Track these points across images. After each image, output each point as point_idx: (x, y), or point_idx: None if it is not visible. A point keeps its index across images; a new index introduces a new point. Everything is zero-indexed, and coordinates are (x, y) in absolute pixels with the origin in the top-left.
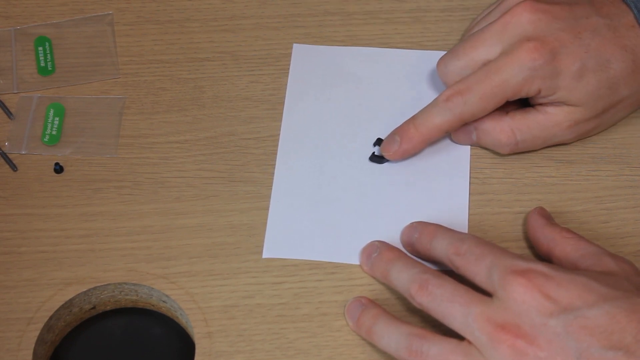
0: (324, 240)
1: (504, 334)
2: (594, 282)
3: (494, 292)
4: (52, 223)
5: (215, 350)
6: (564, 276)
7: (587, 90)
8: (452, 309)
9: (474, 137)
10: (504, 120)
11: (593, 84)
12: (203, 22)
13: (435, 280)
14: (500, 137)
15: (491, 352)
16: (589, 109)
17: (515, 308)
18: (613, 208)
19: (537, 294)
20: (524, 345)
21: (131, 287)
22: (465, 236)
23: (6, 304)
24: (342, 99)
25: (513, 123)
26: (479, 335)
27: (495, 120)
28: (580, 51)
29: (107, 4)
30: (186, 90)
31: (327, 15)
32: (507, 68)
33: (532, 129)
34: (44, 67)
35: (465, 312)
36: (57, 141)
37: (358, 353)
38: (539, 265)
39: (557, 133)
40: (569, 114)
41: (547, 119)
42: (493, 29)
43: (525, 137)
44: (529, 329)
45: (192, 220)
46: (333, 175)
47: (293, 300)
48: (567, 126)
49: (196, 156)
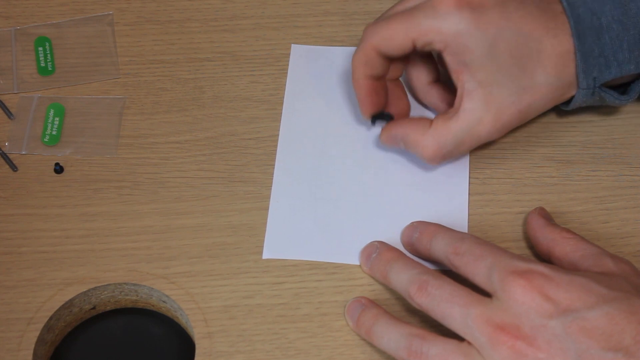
0: (324, 241)
1: (503, 335)
2: (593, 283)
3: (493, 292)
4: (52, 223)
5: (215, 351)
6: (564, 277)
7: (497, 62)
8: (452, 309)
9: (401, 145)
10: (427, 135)
11: (505, 58)
12: (203, 22)
13: (434, 281)
14: (423, 153)
15: (491, 353)
16: (503, 92)
17: (514, 309)
18: (613, 208)
19: (536, 295)
20: (524, 346)
21: (131, 287)
22: (465, 236)
23: (6, 304)
24: (340, 99)
25: (437, 135)
26: (479, 336)
27: (419, 134)
28: (501, 18)
29: (107, 4)
30: (186, 90)
31: (327, 15)
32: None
33: (456, 136)
34: (44, 67)
35: (464, 313)
36: (57, 141)
37: (358, 353)
38: (538, 266)
39: (482, 133)
40: (485, 103)
41: (468, 120)
42: None
43: (450, 147)
44: (528, 330)
45: (192, 220)
46: (333, 175)
47: (293, 300)
48: (489, 122)
49: (196, 156)
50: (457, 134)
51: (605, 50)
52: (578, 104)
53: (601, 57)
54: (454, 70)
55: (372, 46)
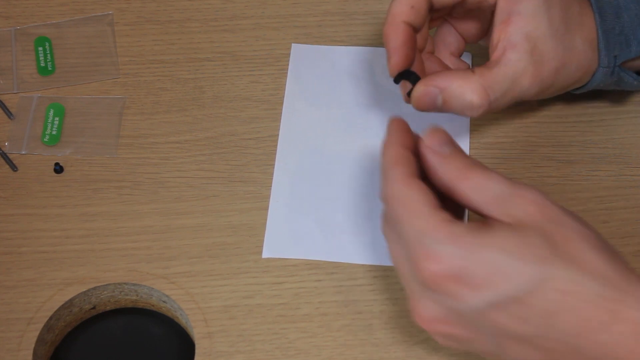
0: (324, 240)
1: (419, 318)
2: (503, 259)
3: (408, 259)
4: (52, 223)
5: (215, 351)
6: (472, 258)
7: (548, 15)
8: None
9: (439, 101)
10: (474, 79)
11: (557, 12)
12: (203, 22)
13: (384, 227)
14: (473, 99)
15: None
16: (547, 45)
17: (427, 292)
18: (613, 208)
19: (445, 281)
20: (441, 328)
21: (131, 287)
22: (392, 177)
23: (6, 304)
24: (341, 98)
25: (483, 81)
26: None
27: (464, 80)
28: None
29: (107, 4)
30: (186, 90)
31: (327, 15)
32: None
33: (501, 84)
34: (44, 67)
35: (396, 267)
36: (57, 141)
37: (358, 353)
38: (447, 247)
39: (525, 86)
40: (530, 55)
41: (513, 69)
42: None
43: (497, 94)
44: (443, 316)
45: (192, 220)
46: (332, 174)
47: (293, 300)
48: (532, 73)
49: (196, 156)
50: (504, 81)
51: (625, 29)
52: (596, 84)
53: (621, 35)
54: (501, 21)
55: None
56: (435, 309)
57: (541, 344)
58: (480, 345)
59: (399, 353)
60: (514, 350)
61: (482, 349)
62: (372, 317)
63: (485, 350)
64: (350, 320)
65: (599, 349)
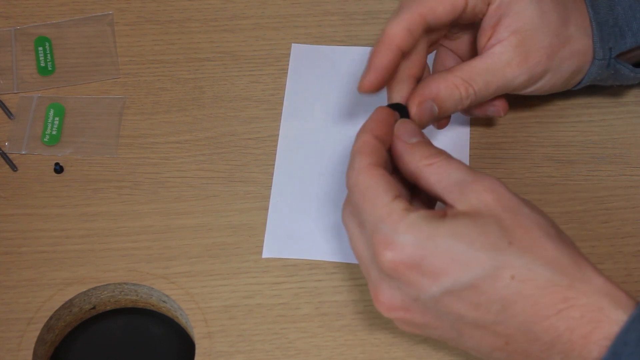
0: (324, 240)
1: (379, 304)
2: (458, 247)
3: (368, 246)
4: (52, 223)
5: (215, 351)
6: (428, 246)
7: (539, 10)
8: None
9: (435, 110)
10: (453, 76)
11: (549, 6)
12: (203, 22)
13: (344, 214)
14: (459, 92)
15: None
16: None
17: (386, 281)
18: (613, 208)
19: (402, 269)
20: (401, 314)
21: (131, 287)
22: (356, 165)
23: (6, 304)
24: (340, 98)
25: (462, 74)
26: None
27: (446, 80)
28: None
29: (107, 4)
30: (186, 90)
31: (327, 15)
32: None
33: (483, 75)
34: (44, 67)
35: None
36: (57, 141)
37: (358, 353)
38: (402, 235)
39: (509, 76)
40: (516, 47)
41: (495, 61)
42: None
43: (479, 85)
44: (400, 302)
45: (192, 220)
46: (332, 174)
47: (293, 300)
48: (517, 63)
49: (196, 156)
50: (484, 73)
51: (619, 20)
52: (592, 77)
53: (615, 27)
54: (490, 25)
55: (420, 13)
56: (395, 295)
57: (497, 330)
58: (440, 332)
59: (399, 353)
60: (472, 335)
61: (442, 335)
62: (372, 317)
63: (446, 336)
64: (350, 320)
65: (553, 333)
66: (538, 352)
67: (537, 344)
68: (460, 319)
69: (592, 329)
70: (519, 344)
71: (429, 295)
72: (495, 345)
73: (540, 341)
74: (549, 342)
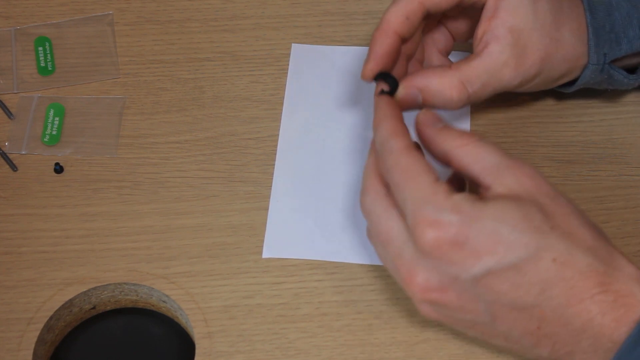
0: (324, 240)
1: (413, 286)
2: (503, 228)
3: (408, 227)
4: (52, 223)
5: (215, 351)
6: (473, 227)
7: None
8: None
9: (419, 99)
10: (451, 75)
11: (544, 5)
12: (203, 22)
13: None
14: (452, 94)
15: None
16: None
17: (425, 260)
18: (613, 208)
19: (445, 247)
20: (436, 296)
21: (131, 287)
22: (393, 147)
23: (6, 304)
24: (340, 98)
25: (460, 75)
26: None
27: (442, 77)
28: None
29: (107, 4)
30: (186, 90)
31: (327, 15)
32: None
33: (480, 77)
34: (44, 67)
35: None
36: (57, 141)
37: (358, 353)
38: (447, 214)
39: (505, 78)
40: (513, 47)
41: (493, 62)
42: None
43: (475, 87)
44: (437, 283)
45: (192, 220)
46: (332, 174)
47: (293, 300)
48: (514, 66)
49: (196, 156)
50: (483, 74)
51: (615, 27)
52: (585, 81)
53: (612, 33)
54: (487, 17)
55: (419, 1)
56: (432, 276)
57: (533, 313)
58: (472, 316)
59: (399, 353)
60: (506, 319)
61: (474, 319)
62: (372, 317)
63: (478, 320)
64: (350, 320)
65: (585, 316)
66: (568, 337)
67: (567, 329)
68: (497, 300)
69: (624, 312)
70: (551, 327)
71: (471, 274)
72: (527, 328)
73: (571, 326)
74: (580, 327)
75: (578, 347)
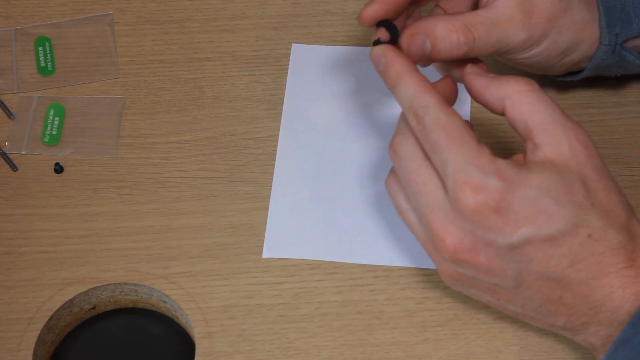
0: (324, 240)
1: (445, 244)
2: (545, 200)
3: (446, 187)
4: (52, 223)
5: (215, 351)
6: (515, 194)
7: None
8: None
9: (427, 47)
10: (456, 19)
11: None
12: (203, 22)
13: (399, 152)
14: (458, 37)
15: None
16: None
17: (461, 220)
18: None
19: (486, 212)
20: (465, 256)
21: (131, 287)
22: (429, 103)
23: (6, 304)
24: (341, 98)
25: (465, 20)
26: (428, 231)
27: (447, 21)
28: None
29: (107, 4)
30: (186, 90)
31: (327, 15)
32: None
33: (485, 25)
34: (44, 67)
35: (417, 201)
36: (57, 141)
37: (358, 353)
38: (492, 179)
39: (510, 31)
40: (520, 3)
41: (498, 14)
42: None
43: (480, 33)
44: (470, 244)
45: (192, 220)
46: (332, 174)
47: (293, 300)
48: (520, 20)
49: (196, 156)
50: (487, 23)
51: (626, 6)
52: (597, 63)
53: (623, 12)
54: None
55: None
56: (466, 237)
57: (560, 283)
58: (496, 279)
59: (399, 353)
60: (531, 286)
61: (496, 282)
62: (372, 317)
63: (500, 283)
64: (350, 320)
65: (607, 289)
66: (586, 308)
67: (588, 300)
68: (527, 268)
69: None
70: (572, 298)
71: (508, 242)
72: (550, 297)
73: (592, 297)
74: (601, 299)
75: (594, 319)
